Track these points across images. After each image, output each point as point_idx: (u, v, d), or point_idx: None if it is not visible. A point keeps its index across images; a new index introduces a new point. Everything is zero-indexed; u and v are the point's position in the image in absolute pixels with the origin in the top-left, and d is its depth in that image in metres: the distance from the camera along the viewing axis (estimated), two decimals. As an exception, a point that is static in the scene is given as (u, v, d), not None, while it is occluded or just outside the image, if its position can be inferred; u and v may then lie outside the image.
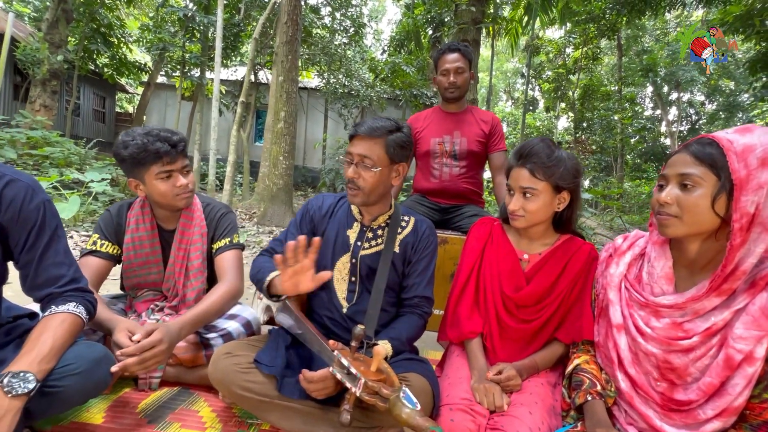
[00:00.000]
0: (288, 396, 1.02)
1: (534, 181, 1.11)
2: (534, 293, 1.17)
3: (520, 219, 1.16)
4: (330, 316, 1.27)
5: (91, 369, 0.90)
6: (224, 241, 1.44)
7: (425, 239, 1.29)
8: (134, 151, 1.24)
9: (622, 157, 15.46)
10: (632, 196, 12.62)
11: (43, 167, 5.58)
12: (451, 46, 1.97)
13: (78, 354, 0.90)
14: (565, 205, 1.17)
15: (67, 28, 8.01)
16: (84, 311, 0.93)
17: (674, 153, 0.91)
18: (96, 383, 0.93)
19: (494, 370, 1.10)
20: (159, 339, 1.04)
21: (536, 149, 1.12)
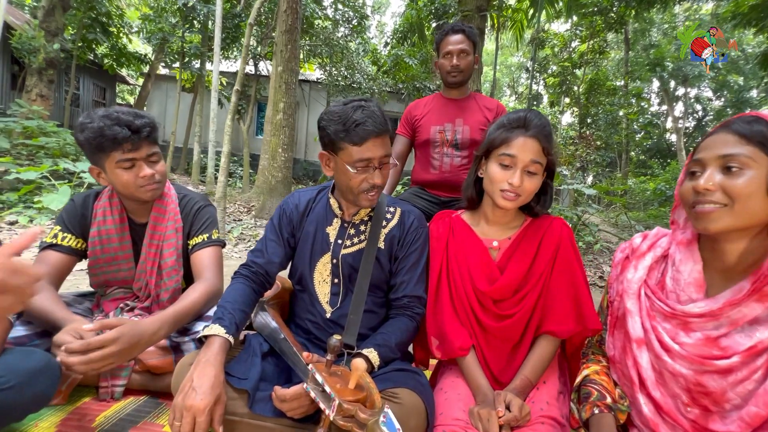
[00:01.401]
0: (260, 414, 0.89)
1: (542, 156, 1.00)
2: (510, 283, 1.04)
3: (513, 199, 1.01)
4: (313, 321, 1.15)
5: (26, 382, 0.78)
6: (202, 237, 1.31)
7: (413, 232, 1.15)
8: (90, 135, 1.11)
9: (627, 153, 15.25)
10: (637, 192, 12.43)
11: (37, 157, 5.47)
12: (455, 26, 1.83)
13: (10, 365, 0.77)
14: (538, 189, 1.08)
15: (63, 16, 7.85)
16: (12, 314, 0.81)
17: (709, 135, 0.77)
18: (35, 397, 0.80)
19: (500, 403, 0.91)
20: (112, 338, 0.91)
21: (542, 120, 1.01)
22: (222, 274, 1.30)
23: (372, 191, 1.05)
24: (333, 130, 1.01)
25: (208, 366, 0.87)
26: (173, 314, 1.08)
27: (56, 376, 0.85)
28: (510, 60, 24.80)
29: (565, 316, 1.02)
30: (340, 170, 1.05)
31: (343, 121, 0.99)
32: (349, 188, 1.05)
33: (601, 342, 1.01)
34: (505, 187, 0.99)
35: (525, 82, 23.55)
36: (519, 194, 1.00)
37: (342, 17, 11.51)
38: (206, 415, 0.81)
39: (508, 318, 1.04)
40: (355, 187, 1.04)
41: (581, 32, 12.91)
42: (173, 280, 1.31)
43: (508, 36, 13.82)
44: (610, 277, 0.99)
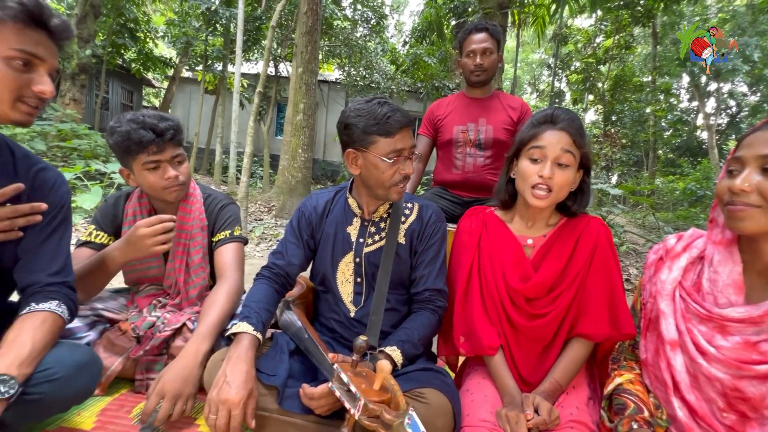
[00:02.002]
0: (289, 410, 0.91)
1: (574, 147, 0.98)
2: (544, 281, 1.01)
3: (545, 196, 0.98)
4: (337, 320, 1.17)
5: (72, 375, 0.82)
6: (224, 233, 1.35)
7: (432, 225, 1.16)
8: (118, 139, 1.16)
9: (655, 151, 14.72)
10: (665, 192, 11.98)
11: (71, 159, 5.73)
12: (478, 25, 1.81)
13: (58, 358, 0.82)
14: (576, 186, 1.04)
15: (95, 22, 8.19)
16: (66, 311, 0.86)
17: (752, 131, 0.74)
18: (78, 391, 0.85)
19: (528, 405, 0.90)
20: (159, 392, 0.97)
21: (570, 115, 1.00)
22: (243, 271, 1.33)
23: (402, 183, 1.07)
24: (363, 125, 1.03)
25: (240, 362, 0.89)
26: (207, 329, 1.10)
27: (98, 370, 0.90)
28: (531, 57, 24.35)
29: (600, 319, 0.99)
30: (371, 165, 1.05)
31: (373, 116, 1.02)
32: (380, 182, 1.06)
33: (634, 346, 0.98)
34: (536, 180, 0.97)
35: (547, 80, 23.07)
36: (550, 188, 0.97)
37: (361, 17, 11.56)
38: (241, 409, 0.84)
39: (540, 317, 1.02)
40: (387, 179, 1.05)
41: (606, 27, 12.54)
42: (200, 278, 1.35)
43: (529, 32, 13.57)
44: (643, 278, 0.97)
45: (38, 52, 0.78)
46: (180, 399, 0.98)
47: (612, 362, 1.02)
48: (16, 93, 0.77)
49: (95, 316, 1.23)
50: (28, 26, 0.76)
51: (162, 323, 1.22)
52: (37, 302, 0.83)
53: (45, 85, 0.79)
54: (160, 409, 0.96)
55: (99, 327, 1.21)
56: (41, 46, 0.78)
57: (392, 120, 1.01)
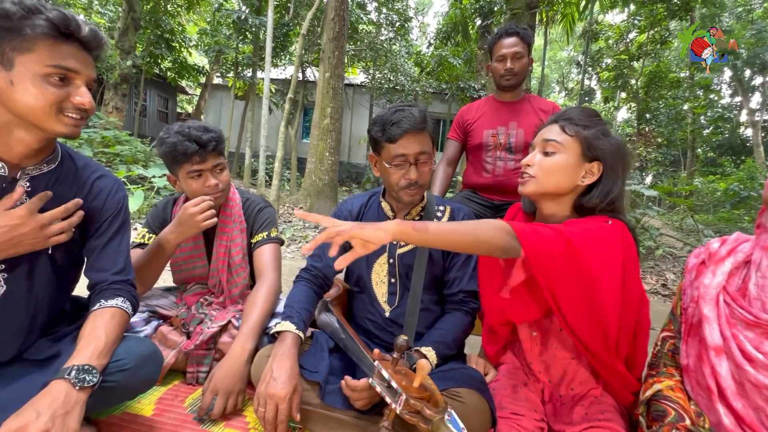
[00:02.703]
0: (331, 405, 0.96)
1: (561, 134, 0.96)
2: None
3: (528, 181, 0.97)
4: (372, 320, 1.21)
5: (140, 365, 0.91)
6: (262, 234, 1.43)
7: None
8: (167, 149, 1.26)
9: (693, 150, 14.00)
10: (705, 193, 11.37)
11: (114, 164, 6.09)
12: (509, 29, 1.82)
13: (128, 350, 0.90)
14: (591, 181, 0.96)
15: (135, 35, 8.67)
16: (130, 306, 0.94)
17: None
18: (144, 379, 0.93)
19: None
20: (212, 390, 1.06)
21: (574, 110, 0.99)
22: (280, 270, 1.40)
23: (411, 188, 1.11)
24: (374, 132, 1.11)
25: (285, 358, 0.95)
26: (251, 329, 1.17)
27: (161, 361, 0.98)
28: (559, 55, 23.75)
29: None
30: (382, 169, 1.14)
31: (382, 123, 1.09)
32: (390, 185, 1.14)
33: (674, 352, 0.97)
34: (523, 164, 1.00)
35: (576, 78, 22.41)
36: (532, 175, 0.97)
37: (386, 20, 11.65)
38: (287, 403, 0.90)
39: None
40: (395, 183, 1.11)
41: (639, 22, 12.06)
42: (241, 277, 1.43)
43: (557, 30, 13.26)
44: (683, 282, 0.96)
45: (72, 65, 0.79)
46: (231, 395, 1.06)
47: (649, 368, 1.01)
48: (57, 107, 0.80)
49: (150, 312, 1.34)
50: (59, 41, 0.78)
51: (209, 320, 1.30)
52: (105, 299, 0.92)
53: (83, 97, 0.82)
54: (214, 405, 1.04)
55: (154, 323, 1.30)
56: (74, 59, 0.80)
57: (395, 127, 1.06)
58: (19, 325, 0.90)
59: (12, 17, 0.74)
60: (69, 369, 0.77)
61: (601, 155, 0.95)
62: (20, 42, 0.75)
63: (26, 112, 0.78)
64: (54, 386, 0.75)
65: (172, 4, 11.41)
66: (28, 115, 0.78)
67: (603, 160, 0.96)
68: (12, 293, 0.86)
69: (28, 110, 0.78)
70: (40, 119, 0.79)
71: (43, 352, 0.92)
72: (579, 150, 0.95)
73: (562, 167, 0.95)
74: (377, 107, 12.53)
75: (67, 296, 1.02)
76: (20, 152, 0.84)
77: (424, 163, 1.11)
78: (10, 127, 0.81)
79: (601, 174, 0.96)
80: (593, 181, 0.96)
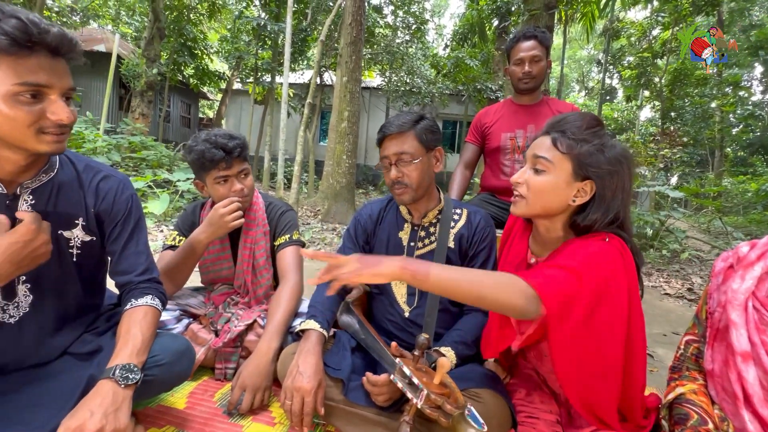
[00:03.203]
0: (354, 401, 1.00)
1: (551, 150, 0.89)
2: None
3: (518, 203, 0.94)
4: (392, 320, 1.25)
5: (175, 360, 0.96)
6: (284, 237, 1.48)
7: (480, 231, 1.22)
8: (195, 157, 1.32)
9: (722, 149, 13.49)
10: (734, 194, 10.94)
11: (140, 168, 6.33)
12: (527, 32, 1.82)
13: (163, 346, 0.96)
14: (583, 201, 0.89)
15: (160, 44, 8.99)
16: (159, 303, 1.00)
17: None
18: (179, 373, 0.99)
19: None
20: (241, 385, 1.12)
21: (570, 119, 0.91)
22: (302, 272, 1.45)
23: (396, 187, 1.17)
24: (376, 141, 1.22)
25: (310, 355, 1.00)
26: (276, 328, 1.23)
27: (193, 357, 1.03)
28: (579, 54, 23.29)
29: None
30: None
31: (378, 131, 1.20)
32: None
33: (698, 356, 0.96)
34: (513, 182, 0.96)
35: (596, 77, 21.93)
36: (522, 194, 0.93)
37: (402, 23, 11.70)
38: (312, 396, 0.94)
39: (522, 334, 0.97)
40: (387, 184, 1.19)
41: (663, 18, 11.72)
42: (265, 278, 1.49)
43: (576, 29, 13.01)
44: (710, 286, 0.95)
45: (41, 80, 0.72)
46: (258, 391, 1.11)
47: (672, 371, 1.01)
48: (36, 127, 0.74)
49: (181, 311, 1.40)
50: (23, 53, 0.70)
51: (236, 319, 1.36)
52: (135, 298, 0.97)
53: (59, 113, 0.74)
54: (243, 400, 1.09)
55: (185, 321, 1.37)
56: (43, 72, 0.72)
57: (379, 133, 1.18)
58: (53, 329, 0.95)
59: None
60: (113, 369, 0.83)
61: (594, 175, 0.88)
62: None
63: (3, 135, 0.74)
64: (102, 386, 0.81)
65: (195, 13, 11.76)
66: (5, 137, 0.75)
67: (596, 180, 0.88)
68: (41, 302, 0.91)
69: (4, 133, 0.74)
70: (21, 141, 0.75)
71: (86, 346, 0.98)
72: (570, 169, 0.88)
73: (551, 188, 0.89)
74: (393, 110, 12.58)
75: (97, 295, 1.07)
76: (11, 170, 0.82)
77: (405, 163, 1.14)
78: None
79: (594, 193, 0.89)
80: (585, 201, 0.90)
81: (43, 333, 0.93)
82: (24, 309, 0.89)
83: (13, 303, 0.88)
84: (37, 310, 0.91)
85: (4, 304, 0.87)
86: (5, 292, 0.87)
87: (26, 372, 0.92)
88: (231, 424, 1.07)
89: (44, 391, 0.88)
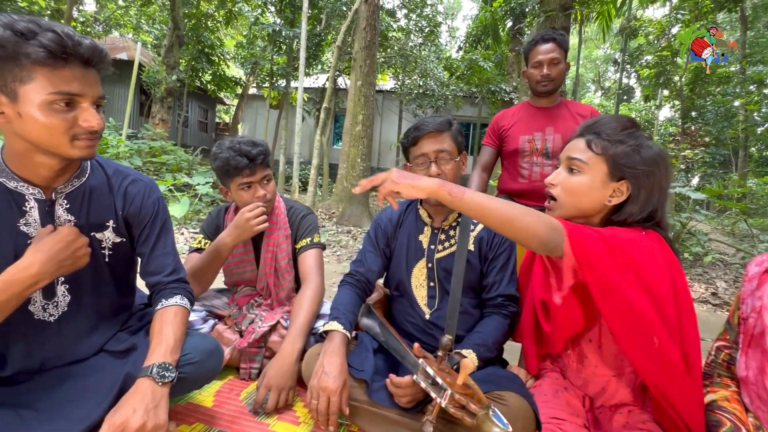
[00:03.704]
0: (378, 402, 1.01)
1: (586, 151, 0.91)
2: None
3: (553, 207, 0.95)
4: (413, 322, 1.26)
5: (205, 359, 1.00)
6: (306, 240, 1.51)
7: (500, 234, 1.23)
8: (220, 164, 1.36)
9: (746, 149, 13.06)
10: (760, 195, 10.57)
11: (161, 172, 6.49)
12: (545, 35, 1.82)
13: (194, 345, 1.00)
14: (619, 201, 0.90)
15: (179, 51, 9.23)
16: (188, 302, 1.04)
17: None
18: (209, 371, 1.02)
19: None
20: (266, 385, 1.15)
21: (605, 121, 0.93)
22: (323, 274, 1.48)
23: None
24: (403, 141, 1.24)
25: (334, 355, 1.02)
26: (299, 330, 1.26)
27: (222, 355, 1.07)
28: (594, 53, 22.93)
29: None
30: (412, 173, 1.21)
31: (407, 132, 1.22)
32: None
33: (730, 362, 0.95)
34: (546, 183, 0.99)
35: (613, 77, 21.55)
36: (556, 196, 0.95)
37: (415, 27, 11.73)
38: (338, 396, 0.96)
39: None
40: None
41: (683, 16, 11.45)
42: (287, 281, 1.52)
43: (592, 28, 12.83)
44: (743, 291, 0.93)
45: (75, 89, 0.77)
46: (283, 391, 1.15)
47: (704, 377, 0.99)
48: (70, 134, 0.79)
49: (207, 312, 1.45)
50: (58, 65, 0.75)
51: (260, 320, 1.40)
52: (165, 298, 1.01)
53: (92, 119, 0.79)
54: (268, 399, 1.12)
55: (211, 321, 1.41)
56: (76, 82, 0.77)
57: (416, 131, 1.19)
58: (90, 327, 0.99)
59: (6, 46, 0.71)
60: (150, 367, 0.87)
61: (629, 175, 0.89)
62: (20, 72, 0.73)
63: (39, 142, 0.79)
64: (141, 384, 0.85)
65: (213, 20, 12.04)
66: (41, 144, 0.79)
67: (632, 180, 0.89)
68: (78, 302, 0.96)
69: (41, 141, 0.79)
70: (55, 147, 0.80)
71: (121, 344, 1.02)
72: (605, 169, 0.90)
73: (586, 188, 0.91)
74: (407, 113, 12.60)
75: (129, 295, 1.12)
76: (47, 175, 0.86)
77: (445, 161, 1.17)
78: (31, 154, 0.82)
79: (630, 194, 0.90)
80: (621, 201, 0.91)
81: (80, 331, 0.98)
82: (63, 308, 0.94)
83: (52, 302, 0.93)
84: (74, 309, 0.96)
85: (44, 303, 0.92)
86: (46, 292, 0.92)
87: (66, 368, 0.97)
88: (257, 423, 1.10)
89: (84, 387, 0.92)
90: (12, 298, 0.79)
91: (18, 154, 0.83)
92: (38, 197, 0.88)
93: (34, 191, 0.87)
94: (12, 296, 0.79)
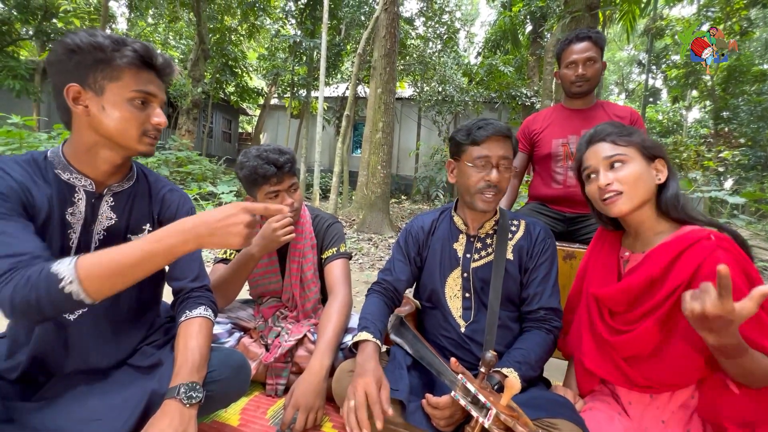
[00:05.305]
0: (415, 425, 0.94)
1: (618, 147, 0.97)
2: (624, 291, 0.94)
3: (618, 199, 0.95)
4: (447, 336, 1.19)
5: (233, 376, 0.96)
6: (332, 250, 1.46)
7: (541, 242, 1.16)
8: (247, 173, 1.33)
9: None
10: (803, 199, 9.93)
11: (187, 182, 6.66)
12: (579, 33, 1.74)
13: (221, 361, 0.96)
14: (664, 177, 0.97)
15: (204, 64, 9.51)
16: (212, 313, 1.01)
17: None
18: (235, 390, 0.98)
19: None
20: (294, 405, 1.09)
21: (602, 127, 1.02)
22: (350, 284, 1.43)
23: (488, 191, 1.10)
24: (459, 136, 1.14)
25: (369, 359, 0.98)
26: (327, 345, 1.21)
27: (249, 372, 1.03)
28: (618, 55, 22.37)
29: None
30: (461, 172, 1.15)
31: (467, 128, 1.13)
32: (467, 188, 1.13)
33: None
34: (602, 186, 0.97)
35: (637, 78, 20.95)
36: (618, 190, 0.95)
37: (433, 34, 11.73)
38: (375, 386, 0.90)
39: (622, 333, 0.96)
40: (473, 185, 1.10)
41: (714, 13, 11.02)
42: (313, 292, 1.47)
43: (615, 29, 12.50)
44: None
45: (152, 90, 0.88)
46: (312, 411, 1.09)
47: None
48: (141, 128, 0.88)
49: (233, 324, 1.41)
50: (142, 69, 0.87)
51: (286, 333, 1.35)
52: (189, 309, 0.98)
53: (160, 117, 0.91)
54: (296, 420, 1.07)
55: (236, 334, 1.38)
56: (153, 84, 0.89)
57: (482, 130, 1.10)
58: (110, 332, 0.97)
59: (105, 50, 0.83)
60: (177, 388, 0.84)
61: (659, 152, 0.98)
62: (110, 71, 0.84)
63: (114, 134, 0.86)
64: (168, 406, 0.82)
65: (236, 34, 12.39)
66: (115, 136, 0.87)
67: (664, 156, 0.99)
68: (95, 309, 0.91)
69: (117, 132, 0.86)
70: (127, 140, 0.87)
71: (146, 359, 0.99)
72: (640, 154, 0.97)
73: (640, 172, 0.95)
74: (425, 119, 12.56)
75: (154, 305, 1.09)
76: (105, 170, 0.92)
77: (505, 168, 1.11)
78: (97, 148, 0.89)
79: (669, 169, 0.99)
80: (665, 178, 0.97)
81: (98, 334, 0.95)
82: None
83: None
84: (94, 309, 0.92)
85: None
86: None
87: (86, 377, 0.94)
88: (285, 444, 1.05)
89: (108, 404, 0.88)
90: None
91: (84, 147, 0.89)
92: (89, 189, 0.92)
93: (86, 183, 0.91)
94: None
